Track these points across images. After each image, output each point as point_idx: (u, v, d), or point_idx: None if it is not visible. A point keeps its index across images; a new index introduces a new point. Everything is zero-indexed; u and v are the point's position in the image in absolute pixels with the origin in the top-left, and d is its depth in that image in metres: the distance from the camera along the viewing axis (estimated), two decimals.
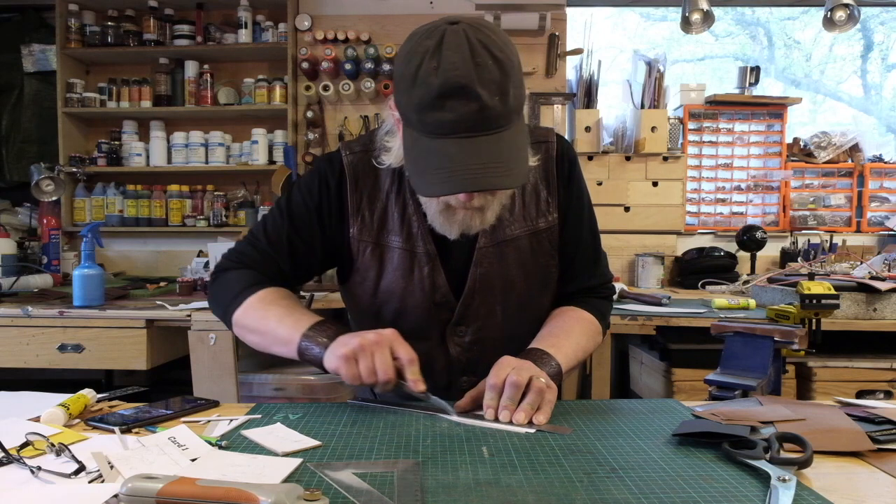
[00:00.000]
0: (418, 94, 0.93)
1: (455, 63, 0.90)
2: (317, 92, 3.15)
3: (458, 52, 0.91)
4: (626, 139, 3.13)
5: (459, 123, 0.92)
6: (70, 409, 0.94)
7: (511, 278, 1.16)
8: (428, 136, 0.95)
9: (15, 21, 3.35)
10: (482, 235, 1.13)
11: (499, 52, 0.93)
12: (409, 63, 0.94)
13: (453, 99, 0.91)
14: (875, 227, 3.22)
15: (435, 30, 0.94)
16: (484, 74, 0.91)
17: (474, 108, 0.91)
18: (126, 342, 1.99)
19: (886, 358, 2.05)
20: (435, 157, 0.94)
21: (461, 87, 0.90)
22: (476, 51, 0.91)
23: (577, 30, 3.23)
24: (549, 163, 1.19)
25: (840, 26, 2.95)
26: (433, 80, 0.91)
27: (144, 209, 3.22)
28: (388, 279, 1.15)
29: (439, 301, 1.15)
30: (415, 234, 1.14)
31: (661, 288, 2.93)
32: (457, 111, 0.91)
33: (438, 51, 0.91)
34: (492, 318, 1.17)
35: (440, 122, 0.93)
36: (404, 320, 1.16)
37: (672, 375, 2.13)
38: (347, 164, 1.16)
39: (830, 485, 0.72)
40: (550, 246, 1.19)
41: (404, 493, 0.69)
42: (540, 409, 0.94)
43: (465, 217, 1.05)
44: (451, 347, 1.18)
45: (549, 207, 1.18)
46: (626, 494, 0.69)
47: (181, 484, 0.62)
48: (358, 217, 1.16)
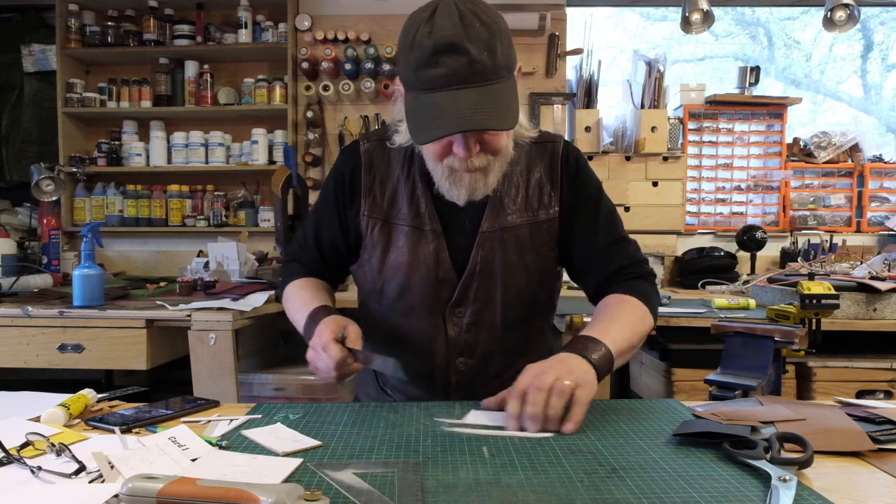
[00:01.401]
0: (415, 56, 1.02)
1: (445, 26, 1.00)
2: (317, 92, 3.15)
3: (448, 18, 1.01)
4: (626, 139, 3.13)
5: (452, 77, 1.00)
6: (70, 409, 0.94)
7: (511, 264, 1.20)
8: (424, 93, 1.03)
9: (15, 21, 3.35)
10: (486, 220, 1.19)
11: (486, 16, 1.03)
12: (407, 33, 1.05)
13: (445, 55, 1.00)
14: (875, 227, 3.22)
15: (429, 4, 1.05)
16: (472, 33, 1.00)
17: (464, 61, 1.00)
18: (126, 342, 1.99)
19: (886, 358, 2.05)
20: (430, 109, 1.03)
21: (451, 44, 0.99)
22: (465, 15, 1.01)
23: (577, 30, 3.23)
24: (554, 161, 1.24)
25: (840, 26, 2.95)
26: (427, 41, 1.01)
27: (144, 209, 3.22)
28: (395, 255, 1.21)
29: (442, 277, 1.20)
30: (423, 213, 1.20)
31: (661, 288, 2.93)
32: (448, 65, 1.00)
33: (431, 19, 1.02)
34: (490, 302, 1.21)
35: (434, 77, 1.01)
36: (408, 296, 1.21)
37: (672, 375, 2.13)
38: (364, 151, 1.26)
39: (831, 485, 0.72)
40: (550, 238, 1.23)
41: (405, 494, 0.69)
42: (569, 416, 0.91)
43: (469, 180, 1.11)
44: (449, 328, 1.22)
45: (551, 202, 1.23)
46: (626, 494, 0.69)
47: (181, 484, 0.62)
48: (370, 196, 1.23)
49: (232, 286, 2.43)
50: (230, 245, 2.65)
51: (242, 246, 2.69)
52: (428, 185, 1.19)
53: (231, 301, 2.11)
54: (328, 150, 3.23)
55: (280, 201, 2.58)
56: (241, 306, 2.06)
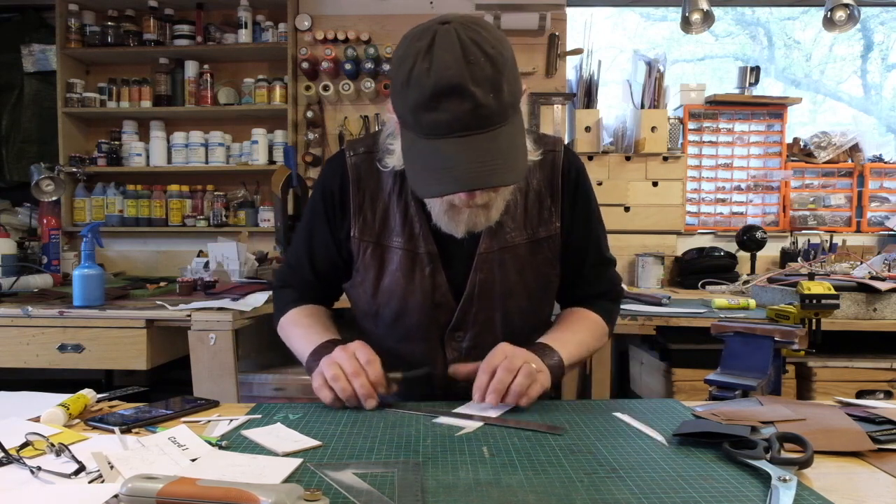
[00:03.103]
0: (413, 95, 0.92)
1: (447, 62, 0.90)
2: (317, 92, 3.15)
3: (449, 52, 0.90)
4: (626, 139, 3.13)
5: (455, 123, 0.91)
6: (70, 409, 0.94)
7: (510, 285, 1.16)
8: (425, 138, 0.95)
9: (15, 21, 3.35)
10: (483, 241, 1.13)
11: (490, 48, 0.92)
12: (403, 65, 0.94)
13: (447, 99, 0.90)
14: (875, 227, 3.22)
15: (426, 30, 0.94)
16: (476, 72, 0.90)
17: (468, 106, 0.90)
18: (126, 342, 1.99)
19: (886, 358, 2.05)
20: (432, 158, 0.94)
21: (454, 87, 0.90)
22: (468, 49, 0.91)
23: (577, 30, 3.23)
24: (554, 172, 1.18)
25: (840, 26, 2.95)
26: (426, 80, 0.91)
27: (144, 209, 3.22)
28: (389, 279, 1.16)
29: (439, 302, 1.15)
30: (416, 234, 1.14)
31: (661, 288, 2.93)
32: (451, 111, 0.91)
33: (430, 51, 0.91)
34: (490, 324, 1.17)
35: (436, 123, 0.92)
36: (403, 322, 1.17)
37: (672, 375, 2.13)
38: (351, 165, 1.18)
39: (831, 485, 0.72)
40: (551, 255, 1.19)
41: (404, 494, 0.68)
42: (527, 393, 0.99)
43: (470, 215, 1.05)
44: (448, 353, 1.18)
45: (552, 217, 1.18)
46: (626, 494, 0.69)
47: (181, 484, 0.62)
48: (360, 217, 1.17)
49: (232, 286, 2.43)
50: (230, 245, 2.66)
51: (242, 246, 2.69)
52: (421, 205, 1.12)
53: (231, 301, 2.11)
54: (328, 150, 3.23)
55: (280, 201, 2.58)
56: (241, 306, 2.06)
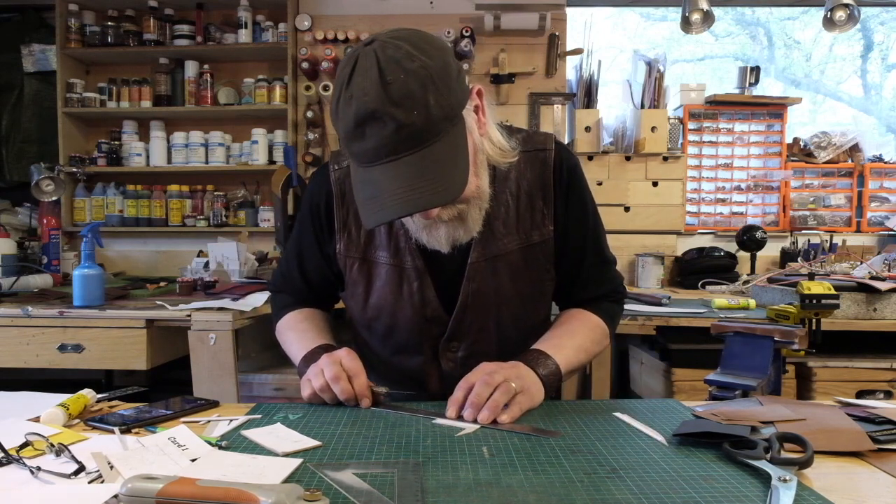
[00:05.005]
0: (341, 126, 0.92)
1: (365, 88, 0.88)
2: (317, 92, 3.14)
3: (366, 77, 0.88)
4: (626, 139, 3.13)
5: (381, 149, 0.89)
6: (70, 409, 0.94)
7: (504, 293, 1.13)
8: (360, 166, 0.94)
9: (15, 21, 3.35)
10: (474, 249, 1.11)
11: (411, 61, 0.88)
12: (333, 96, 0.93)
13: (369, 125, 0.88)
14: (875, 227, 3.22)
15: (351, 56, 0.93)
16: (394, 92, 0.87)
17: (391, 129, 0.88)
18: (126, 342, 1.99)
19: (886, 358, 2.05)
20: (367, 187, 0.93)
21: (371, 113, 0.87)
22: (385, 69, 0.87)
23: (577, 30, 3.22)
24: (545, 172, 1.15)
25: (840, 26, 2.95)
26: (348, 110, 0.89)
27: (144, 209, 3.22)
28: (377, 295, 1.15)
29: (430, 316, 1.14)
30: (402, 248, 1.12)
31: (661, 288, 2.93)
32: (374, 137, 0.88)
33: (351, 79, 0.90)
34: (485, 333, 1.16)
35: (363, 151, 0.91)
36: (395, 335, 1.17)
37: (672, 375, 2.13)
38: (334, 180, 1.16)
39: (831, 485, 0.72)
40: (545, 259, 1.16)
41: (404, 494, 0.68)
42: (506, 410, 0.94)
43: (447, 229, 1.03)
44: (443, 363, 1.17)
45: (545, 220, 1.14)
46: (626, 494, 0.69)
47: (181, 484, 0.62)
48: (344, 233, 1.16)
49: (232, 286, 2.43)
50: (230, 245, 2.66)
51: (242, 246, 2.69)
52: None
53: (231, 301, 2.11)
54: (328, 150, 3.22)
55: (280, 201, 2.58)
56: (241, 306, 2.06)
